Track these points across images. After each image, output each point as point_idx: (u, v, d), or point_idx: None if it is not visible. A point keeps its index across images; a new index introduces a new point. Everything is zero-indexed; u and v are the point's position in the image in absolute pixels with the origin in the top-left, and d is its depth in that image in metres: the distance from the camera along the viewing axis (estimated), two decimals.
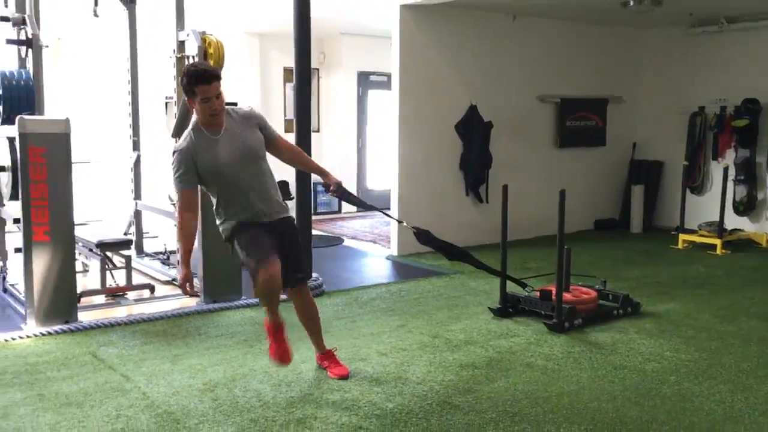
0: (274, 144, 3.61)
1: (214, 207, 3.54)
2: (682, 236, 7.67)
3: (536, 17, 7.94)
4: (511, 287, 4.97)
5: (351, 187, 10.26)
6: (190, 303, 5.27)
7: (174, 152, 3.41)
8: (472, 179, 7.70)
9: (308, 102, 5.53)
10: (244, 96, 9.51)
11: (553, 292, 4.71)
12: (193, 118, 3.48)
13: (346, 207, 10.29)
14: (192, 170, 3.37)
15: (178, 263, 3.52)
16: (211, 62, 5.39)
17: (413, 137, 7.25)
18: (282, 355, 3.60)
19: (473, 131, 7.61)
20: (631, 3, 6.79)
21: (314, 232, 8.49)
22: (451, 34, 7.40)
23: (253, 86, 9.73)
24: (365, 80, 10.30)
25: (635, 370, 3.94)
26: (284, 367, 3.70)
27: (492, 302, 5.22)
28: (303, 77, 5.50)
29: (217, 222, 3.56)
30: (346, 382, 3.74)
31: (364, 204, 4.12)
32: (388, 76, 8.10)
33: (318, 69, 10.39)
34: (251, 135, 3.47)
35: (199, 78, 3.27)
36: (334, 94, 10.33)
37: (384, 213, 4.73)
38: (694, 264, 6.85)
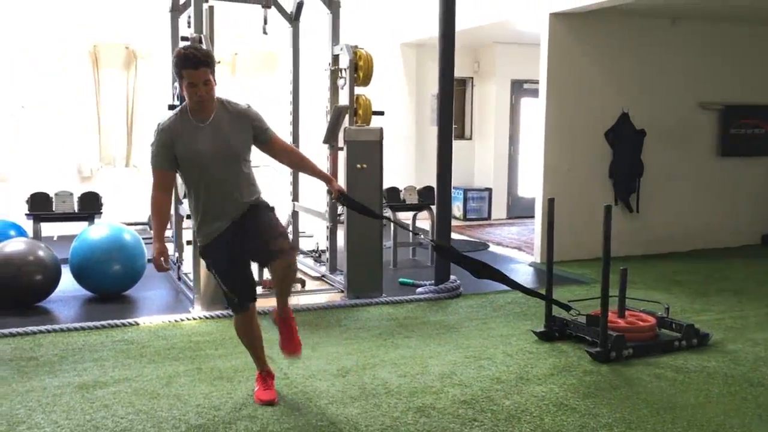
0: (270, 145, 3.43)
1: (187, 197, 3.45)
2: None
3: (698, 20, 7.62)
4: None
5: (501, 194, 10.37)
6: (336, 298, 5.69)
7: (156, 129, 3.29)
8: (622, 188, 7.54)
9: (451, 110, 5.73)
10: (398, 105, 9.94)
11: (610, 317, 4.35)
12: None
13: (496, 214, 10.40)
14: (169, 151, 3.24)
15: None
16: (361, 74, 5.77)
17: (560, 144, 7.24)
18: (268, 397, 3.53)
19: (624, 139, 7.45)
20: None
21: (461, 237, 8.75)
22: (603, 40, 7.30)
23: (409, 96, 10.11)
24: (518, 88, 10.35)
25: None
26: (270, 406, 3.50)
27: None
28: (446, 86, 5.69)
29: (192, 221, 3.46)
30: (468, 378, 3.91)
31: (371, 212, 3.93)
32: None
33: (472, 78, 10.60)
34: (238, 133, 3.28)
35: (187, 61, 3.11)
36: (486, 102, 10.47)
37: (395, 222, 4.25)
38: None
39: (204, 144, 3.22)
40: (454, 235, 7.78)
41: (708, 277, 6.61)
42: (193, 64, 3.10)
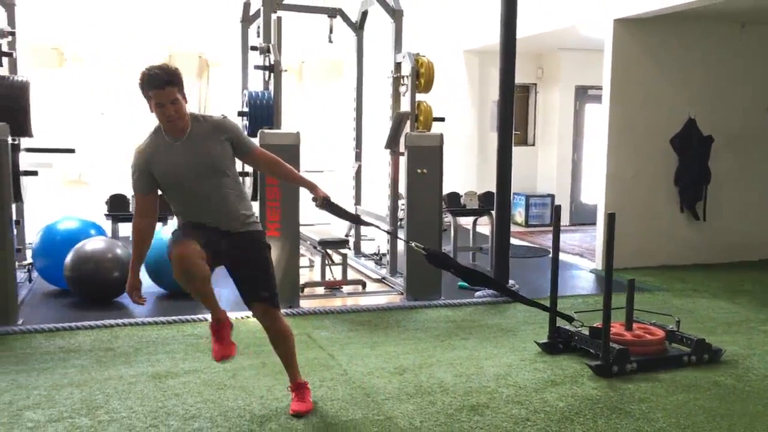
0: (250, 155, 3.37)
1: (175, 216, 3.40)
2: None
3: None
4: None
5: (564, 201, 10.30)
6: (395, 299, 5.82)
7: (133, 153, 3.24)
8: (688, 196, 7.41)
9: (511, 116, 5.78)
10: (461, 111, 10.02)
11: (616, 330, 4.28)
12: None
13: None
14: (146, 174, 3.19)
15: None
16: (422, 81, 5.90)
17: (624, 151, 7.18)
18: (224, 353, 3.32)
19: (691, 145, 7.33)
20: None
21: (521, 243, 8.75)
22: (668, 45, 7.21)
23: (472, 102, 10.18)
24: (583, 94, 10.28)
25: None
26: (228, 361, 3.38)
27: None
28: (506, 93, 5.75)
29: None
30: (521, 379, 3.97)
31: (357, 219, 3.87)
32: None
33: (535, 84, 10.59)
34: (215, 146, 3.20)
35: (151, 82, 3.04)
36: (550, 108, 10.44)
37: (382, 229, 4.21)
38: None
39: (181, 161, 3.15)
40: (514, 241, 7.83)
41: None
42: (158, 84, 3.03)
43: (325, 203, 3.50)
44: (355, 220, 3.78)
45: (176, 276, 3.15)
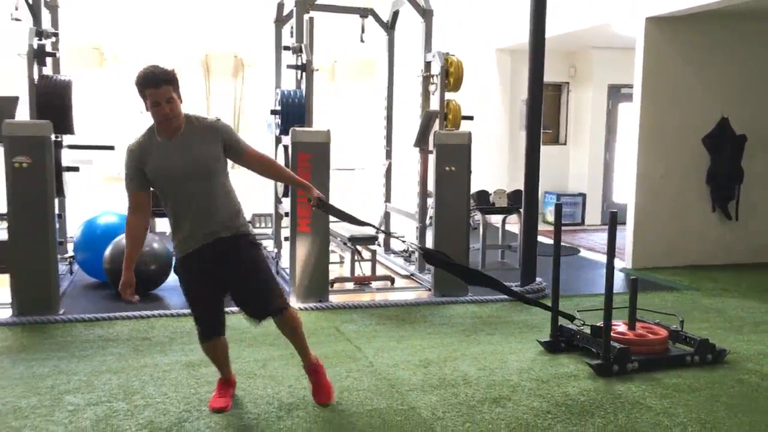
0: (244, 156, 3.37)
1: (167, 215, 3.39)
2: None
3: None
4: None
5: (596, 200, 10.28)
6: (423, 295, 5.91)
7: (126, 150, 3.28)
8: (720, 195, 7.36)
9: (539, 115, 5.82)
10: (492, 109, 10.06)
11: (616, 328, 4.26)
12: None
13: (590, 219, 10.32)
14: (139, 171, 3.22)
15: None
16: (451, 80, 5.97)
17: (654, 150, 7.16)
18: (219, 405, 3.48)
19: (723, 145, 7.27)
20: None
21: (550, 241, 8.74)
22: (701, 44, 7.17)
23: (503, 100, 10.21)
24: (616, 93, 10.22)
25: None
26: (220, 413, 3.46)
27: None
28: (535, 92, 5.79)
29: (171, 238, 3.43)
30: (545, 374, 4.03)
31: (352, 218, 3.76)
32: None
33: (568, 83, 10.56)
34: (207, 148, 3.24)
35: (147, 81, 3.14)
36: (582, 107, 10.40)
37: (376, 228, 4.09)
38: None
39: (173, 161, 3.19)
40: (543, 239, 7.84)
41: None
42: (154, 83, 3.11)
43: (319, 203, 3.50)
44: (351, 220, 3.72)
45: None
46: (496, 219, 7.81)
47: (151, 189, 3.31)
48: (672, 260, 7.20)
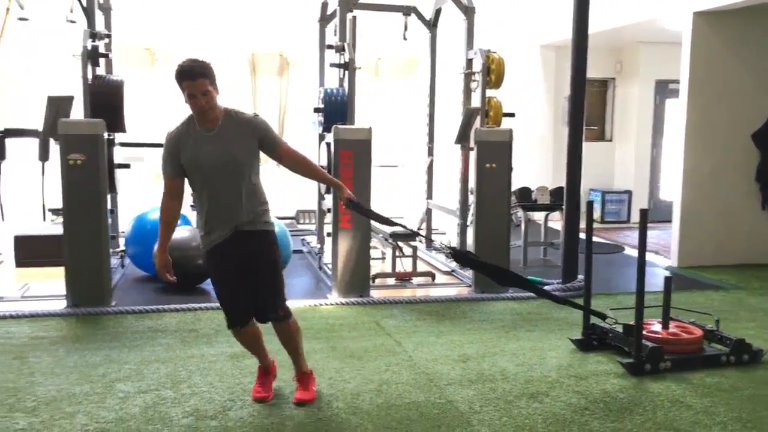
0: (278, 152, 3.43)
1: (195, 207, 3.47)
2: None
3: None
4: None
5: (642, 197, 10.12)
6: (463, 291, 5.95)
7: (165, 138, 3.39)
8: None
9: (582, 112, 5.79)
10: (536, 106, 10.01)
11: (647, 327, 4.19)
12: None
13: (636, 217, 10.16)
14: (174, 159, 3.32)
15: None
16: (492, 77, 5.98)
17: (701, 146, 7.04)
18: (260, 396, 3.60)
19: None
20: None
21: (596, 239, 8.66)
22: (751, 38, 7.01)
23: (547, 97, 10.14)
24: (663, 89, 10.05)
25: None
26: (262, 402, 3.57)
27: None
28: (578, 88, 5.76)
29: (197, 226, 3.50)
30: (583, 371, 4.03)
31: (382, 218, 3.77)
32: None
33: (614, 78, 10.43)
34: (242, 143, 3.32)
35: (184, 74, 3.21)
36: (629, 103, 10.26)
37: (405, 228, 4.07)
38: None
39: (208, 152, 3.28)
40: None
41: None
42: (191, 76, 3.19)
43: (350, 204, 3.55)
44: (381, 220, 3.76)
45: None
46: (538, 216, 7.79)
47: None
48: (719, 259, 7.08)
